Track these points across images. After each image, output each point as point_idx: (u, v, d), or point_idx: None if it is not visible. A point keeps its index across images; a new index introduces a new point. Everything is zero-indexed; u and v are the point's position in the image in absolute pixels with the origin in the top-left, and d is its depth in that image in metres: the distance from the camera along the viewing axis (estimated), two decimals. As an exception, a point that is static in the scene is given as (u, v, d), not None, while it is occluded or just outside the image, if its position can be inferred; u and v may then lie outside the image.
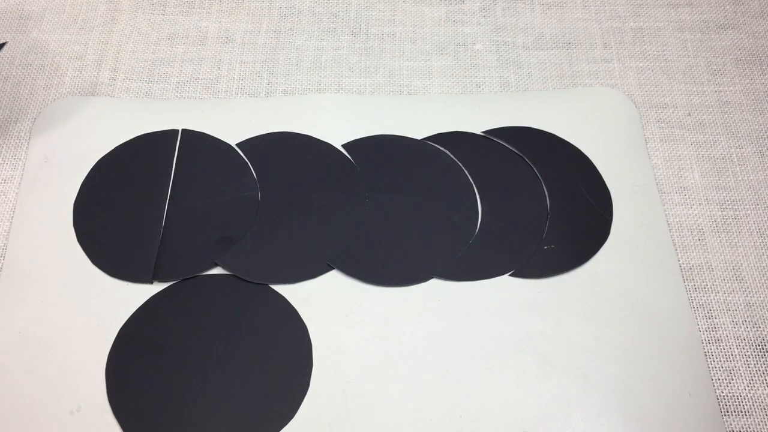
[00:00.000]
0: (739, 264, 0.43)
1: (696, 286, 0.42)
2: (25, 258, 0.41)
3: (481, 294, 0.41)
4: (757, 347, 0.41)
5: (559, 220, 0.44)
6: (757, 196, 0.46)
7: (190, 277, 0.41)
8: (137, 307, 0.40)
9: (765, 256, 0.44)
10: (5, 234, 0.43)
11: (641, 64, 0.51)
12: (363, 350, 0.39)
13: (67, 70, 0.50)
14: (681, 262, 0.43)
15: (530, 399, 0.38)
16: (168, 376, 0.38)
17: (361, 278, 0.41)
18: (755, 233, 0.44)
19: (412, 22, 0.53)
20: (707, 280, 0.43)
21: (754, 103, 0.50)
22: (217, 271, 0.41)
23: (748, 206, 0.45)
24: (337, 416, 0.37)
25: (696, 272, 0.43)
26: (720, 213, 0.45)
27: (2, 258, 0.42)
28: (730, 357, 0.40)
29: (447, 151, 0.46)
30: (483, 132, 0.47)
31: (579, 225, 0.44)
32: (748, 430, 0.38)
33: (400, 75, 0.51)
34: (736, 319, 0.41)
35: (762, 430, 0.38)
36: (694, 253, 0.44)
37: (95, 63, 0.50)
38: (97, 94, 0.49)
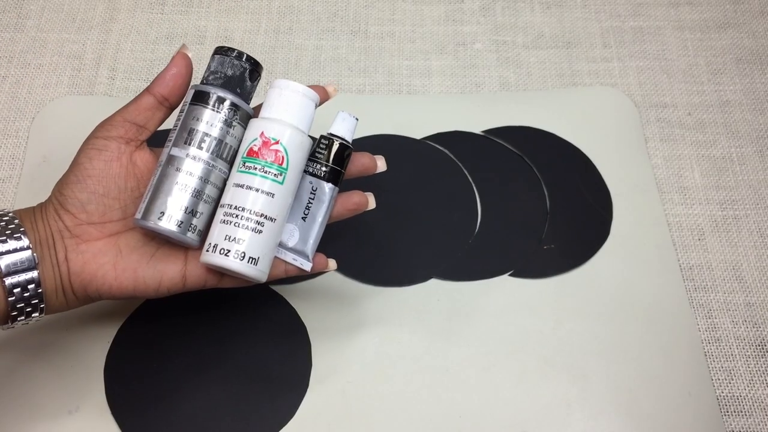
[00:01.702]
0: (739, 264, 0.43)
1: (696, 286, 0.42)
2: (24, 258, 0.41)
3: (481, 294, 0.41)
4: (757, 347, 0.41)
5: (559, 220, 0.44)
6: (757, 196, 0.46)
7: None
8: (136, 307, 0.40)
9: (765, 256, 0.44)
10: (4, 234, 0.43)
11: (641, 64, 0.51)
12: (363, 350, 0.39)
13: (66, 69, 0.50)
14: (681, 262, 0.43)
15: (530, 399, 0.38)
16: (167, 376, 0.38)
17: (361, 278, 0.41)
18: (755, 233, 0.44)
19: (412, 21, 0.53)
20: (707, 280, 0.43)
21: (754, 103, 0.50)
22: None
23: (748, 206, 0.45)
24: (336, 416, 0.37)
25: (696, 272, 0.43)
26: (720, 213, 0.45)
27: (1, 258, 0.42)
28: (730, 357, 0.40)
29: (447, 151, 0.46)
30: (482, 131, 0.47)
31: (579, 225, 0.44)
32: (748, 430, 0.38)
33: (399, 74, 0.51)
34: (736, 319, 0.41)
35: (762, 430, 0.38)
36: (694, 253, 0.44)
37: (94, 62, 0.50)
38: (96, 93, 0.49)
